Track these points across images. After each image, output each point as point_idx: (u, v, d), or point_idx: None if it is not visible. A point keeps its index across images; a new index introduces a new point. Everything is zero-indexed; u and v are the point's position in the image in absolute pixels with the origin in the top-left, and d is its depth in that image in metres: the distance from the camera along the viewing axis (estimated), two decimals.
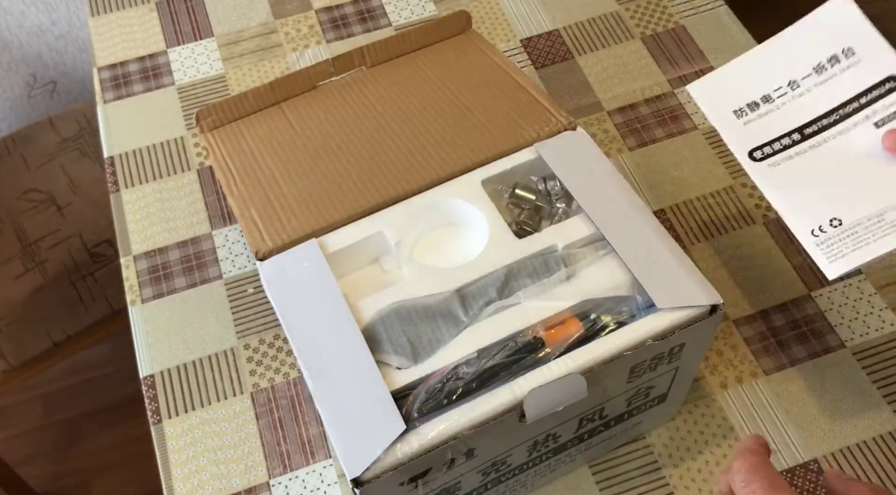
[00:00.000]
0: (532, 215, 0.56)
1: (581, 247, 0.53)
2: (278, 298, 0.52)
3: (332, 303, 0.51)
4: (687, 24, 0.85)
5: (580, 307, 0.50)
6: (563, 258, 0.52)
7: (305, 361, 0.49)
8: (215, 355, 0.67)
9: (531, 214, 0.56)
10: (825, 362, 0.64)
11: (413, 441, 0.45)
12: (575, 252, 0.52)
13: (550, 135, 0.59)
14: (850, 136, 0.52)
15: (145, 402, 0.65)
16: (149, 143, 0.79)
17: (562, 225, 0.54)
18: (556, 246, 0.53)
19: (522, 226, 0.56)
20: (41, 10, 1.36)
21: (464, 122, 0.60)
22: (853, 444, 0.61)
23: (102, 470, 1.40)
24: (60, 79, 1.48)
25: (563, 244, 0.53)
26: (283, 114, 0.63)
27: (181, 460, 0.62)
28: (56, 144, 1.21)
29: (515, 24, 0.86)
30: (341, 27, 0.87)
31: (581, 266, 0.52)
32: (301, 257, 0.53)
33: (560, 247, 0.53)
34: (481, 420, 0.46)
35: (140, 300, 0.70)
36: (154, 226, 0.74)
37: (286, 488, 0.61)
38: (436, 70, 0.65)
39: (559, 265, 0.52)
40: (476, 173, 0.57)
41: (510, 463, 0.52)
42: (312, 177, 0.58)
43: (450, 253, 0.56)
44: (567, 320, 0.49)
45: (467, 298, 0.51)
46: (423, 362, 0.48)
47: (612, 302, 0.50)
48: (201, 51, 0.85)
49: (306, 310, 0.51)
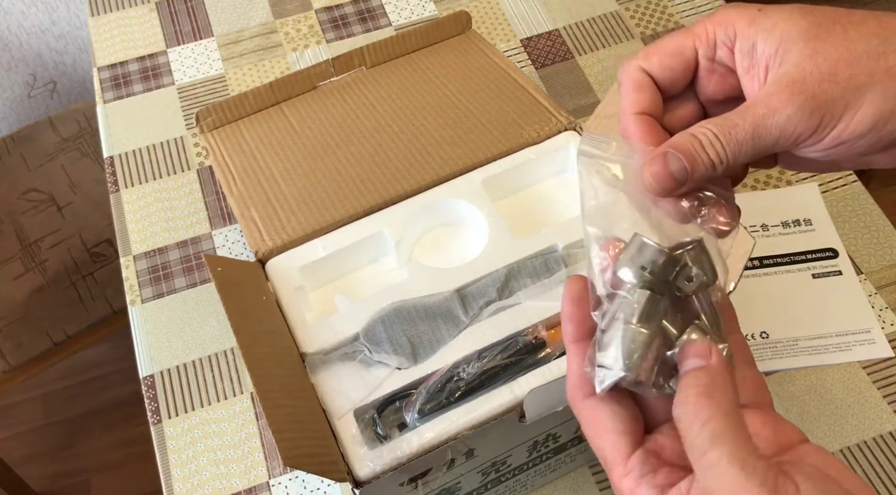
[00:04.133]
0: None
1: (581, 247, 0.53)
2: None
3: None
4: (687, 23, 0.85)
5: None
6: (563, 258, 0.52)
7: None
8: (215, 355, 0.67)
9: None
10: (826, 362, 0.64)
11: (413, 441, 0.45)
12: (575, 252, 0.52)
13: (550, 135, 0.59)
14: (790, 277, 0.68)
15: (145, 402, 0.65)
16: (149, 143, 0.79)
17: (562, 225, 0.54)
18: (557, 246, 0.53)
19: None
20: (41, 10, 1.36)
21: (464, 121, 0.60)
22: (853, 444, 0.61)
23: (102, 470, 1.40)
24: (60, 79, 1.48)
25: (563, 244, 0.53)
26: (283, 114, 0.63)
27: (181, 460, 0.62)
28: (56, 144, 1.21)
29: (515, 24, 0.86)
30: (341, 27, 0.87)
31: (581, 266, 0.52)
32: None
33: (560, 247, 0.53)
34: (481, 420, 0.46)
35: (140, 300, 0.70)
36: (154, 226, 0.74)
37: (286, 488, 0.61)
38: (436, 70, 0.65)
39: (559, 265, 0.52)
40: (476, 173, 0.57)
41: (510, 464, 0.52)
42: (312, 176, 0.58)
43: (450, 253, 0.56)
44: None
45: (467, 298, 0.51)
46: (423, 362, 0.48)
47: None
48: (201, 51, 0.85)
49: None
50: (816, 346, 0.64)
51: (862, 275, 0.68)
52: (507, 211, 0.57)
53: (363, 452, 0.45)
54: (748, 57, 0.35)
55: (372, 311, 0.51)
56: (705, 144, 0.34)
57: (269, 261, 0.54)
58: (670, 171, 0.34)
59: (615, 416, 0.32)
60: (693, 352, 0.31)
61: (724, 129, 0.34)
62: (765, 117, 0.33)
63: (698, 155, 0.34)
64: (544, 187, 0.60)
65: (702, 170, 0.34)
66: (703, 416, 0.29)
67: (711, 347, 0.31)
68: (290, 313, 0.51)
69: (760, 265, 0.68)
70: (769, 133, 0.33)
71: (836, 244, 0.69)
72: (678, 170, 0.34)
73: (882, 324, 0.65)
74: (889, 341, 0.64)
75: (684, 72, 0.37)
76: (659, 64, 0.37)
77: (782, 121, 0.33)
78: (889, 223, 0.71)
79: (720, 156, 0.33)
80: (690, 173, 0.34)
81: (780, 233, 0.70)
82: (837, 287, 0.67)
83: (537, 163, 0.58)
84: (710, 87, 0.38)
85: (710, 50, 0.36)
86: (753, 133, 0.33)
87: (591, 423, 0.33)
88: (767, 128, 0.33)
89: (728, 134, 0.33)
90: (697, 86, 0.38)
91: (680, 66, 0.37)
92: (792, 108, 0.32)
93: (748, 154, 0.34)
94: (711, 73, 0.37)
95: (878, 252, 0.69)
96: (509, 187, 0.59)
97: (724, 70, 0.37)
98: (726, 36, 0.36)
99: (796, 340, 0.65)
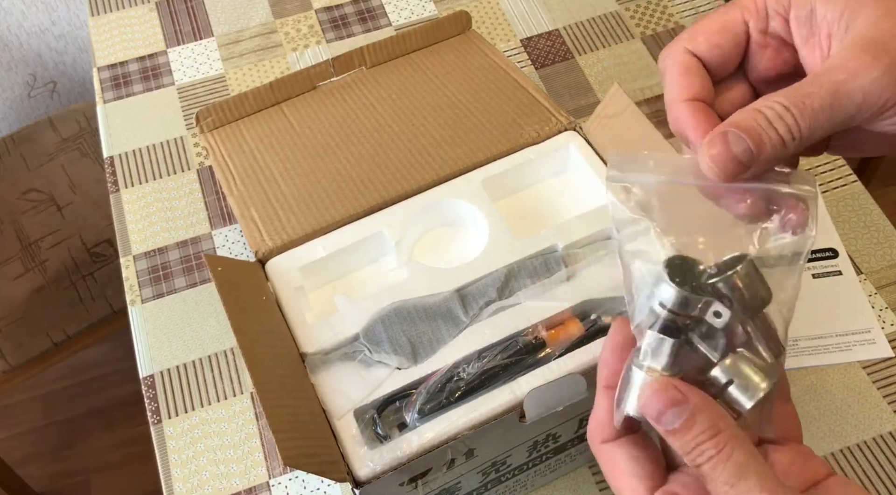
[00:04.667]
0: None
1: (581, 247, 0.53)
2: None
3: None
4: (687, 24, 0.85)
5: (580, 307, 0.50)
6: (563, 258, 0.52)
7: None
8: (215, 355, 0.67)
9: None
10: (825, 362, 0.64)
11: (413, 441, 0.45)
12: (575, 252, 0.52)
13: (550, 135, 0.59)
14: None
15: (145, 402, 0.65)
16: (149, 143, 0.79)
17: (562, 225, 0.54)
18: (557, 246, 0.53)
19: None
20: (41, 10, 1.36)
21: (464, 121, 0.60)
22: (853, 444, 0.61)
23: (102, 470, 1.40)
24: (60, 79, 1.48)
25: (563, 244, 0.53)
26: (283, 114, 0.63)
27: (181, 460, 0.62)
28: (56, 144, 1.21)
29: (515, 24, 0.86)
30: (341, 27, 0.87)
31: (581, 266, 0.52)
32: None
33: (560, 247, 0.53)
34: (481, 420, 0.46)
35: (140, 300, 0.70)
36: (154, 226, 0.74)
37: (286, 488, 0.61)
38: (436, 70, 0.65)
39: (559, 265, 0.52)
40: (476, 173, 0.57)
41: (510, 464, 0.52)
42: (312, 176, 0.58)
43: (450, 253, 0.56)
44: (567, 320, 0.49)
45: (467, 298, 0.51)
46: (423, 362, 0.48)
47: (612, 302, 0.50)
48: (201, 51, 0.85)
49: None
50: (816, 346, 0.64)
51: (862, 275, 0.68)
52: (507, 211, 0.57)
53: (363, 452, 0.45)
54: (806, 25, 0.31)
55: (372, 311, 0.51)
56: (772, 118, 0.29)
57: (269, 261, 0.54)
58: (732, 153, 0.30)
59: (633, 461, 0.31)
60: (668, 401, 0.29)
61: (797, 100, 0.29)
62: (845, 82, 0.29)
63: (765, 131, 0.30)
64: (544, 187, 0.60)
65: (769, 150, 0.30)
66: (726, 452, 0.28)
67: (683, 388, 0.29)
68: (290, 313, 0.51)
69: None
70: (851, 99, 0.29)
71: (836, 244, 0.69)
72: (742, 151, 0.30)
73: (882, 324, 0.65)
74: (889, 341, 0.64)
75: (735, 49, 0.33)
76: (707, 42, 0.33)
77: (867, 84, 0.29)
78: (889, 223, 0.71)
79: (791, 131, 0.29)
80: (756, 154, 0.30)
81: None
82: (837, 287, 0.67)
83: (537, 163, 0.58)
84: (762, 64, 0.34)
85: (763, 21, 0.32)
86: (833, 101, 0.29)
87: (610, 466, 0.32)
88: (849, 93, 0.29)
89: (802, 104, 0.29)
90: (748, 65, 0.34)
91: (729, 43, 0.33)
92: (877, 70, 0.28)
93: (825, 127, 0.29)
94: (764, 48, 0.33)
95: (878, 252, 0.69)
96: (509, 187, 0.59)
97: (777, 43, 0.33)
98: (779, 4, 0.32)
99: (796, 340, 0.65)
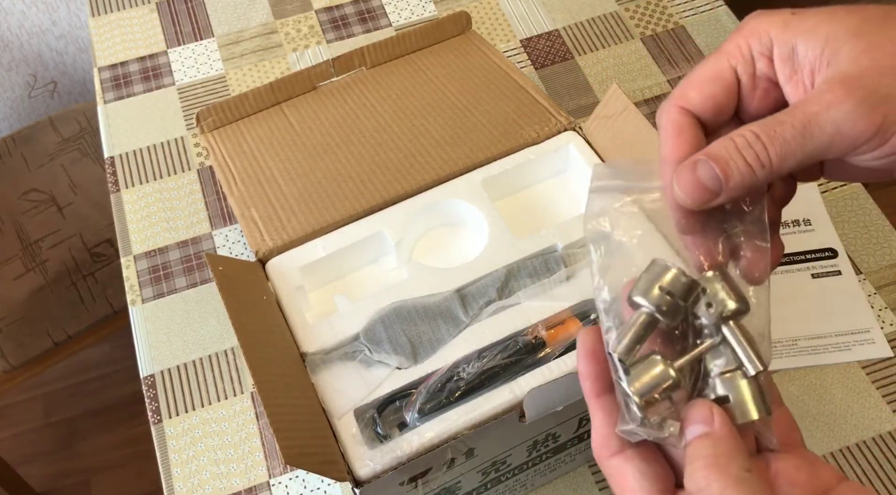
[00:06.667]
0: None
1: (581, 247, 0.53)
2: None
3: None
4: (687, 24, 0.85)
5: (580, 307, 0.50)
6: (563, 258, 0.52)
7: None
8: (215, 355, 0.67)
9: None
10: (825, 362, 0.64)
11: (413, 440, 0.45)
12: (575, 252, 0.53)
13: (550, 136, 0.59)
14: (789, 277, 0.68)
15: (145, 402, 0.65)
16: (149, 143, 0.79)
17: (562, 225, 0.54)
18: (556, 246, 0.53)
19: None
20: (41, 10, 1.36)
21: (464, 122, 0.60)
22: (853, 444, 0.61)
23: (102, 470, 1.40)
24: (61, 79, 1.48)
25: (563, 244, 0.53)
26: (284, 114, 0.64)
27: (181, 460, 0.62)
28: (56, 144, 1.21)
29: (515, 24, 0.86)
30: (341, 27, 0.87)
31: (581, 266, 0.52)
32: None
33: (560, 247, 0.53)
34: (481, 420, 0.46)
35: (140, 300, 0.70)
36: (154, 226, 0.74)
37: (286, 488, 0.61)
38: (436, 70, 0.65)
39: (559, 265, 0.52)
40: (476, 173, 0.57)
41: (510, 463, 0.52)
42: (312, 177, 0.58)
43: (450, 253, 0.56)
44: (567, 320, 0.49)
45: (467, 298, 0.51)
46: (423, 362, 0.49)
47: None
48: (201, 51, 0.85)
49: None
50: (816, 346, 0.64)
51: (861, 275, 0.68)
52: (507, 211, 0.57)
53: (363, 452, 0.45)
54: (788, 63, 0.32)
55: (372, 311, 0.51)
56: (741, 146, 0.30)
57: (269, 261, 0.54)
58: (700, 180, 0.30)
59: (641, 475, 0.31)
60: (695, 417, 0.30)
61: (768, 128, 0.30)
62: (817, 114, 0.29)
63: (733, 159, 0.30)
64: (544, 187, 0.60)
65: (737, 177, 0.30)
66: (715, 490, 0.27)
67: (714, 410, 0.29)
68: (291, 313, 0.51)
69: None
70: (822, 130, 0.29)
71: (836, 244, 0.69)
72: (710, 178, 0.30)
73: (881, 323, 0.65)
74: (888, 341, 0.64)
75: (728, 96, 0.33)
76: (699, 96, 0.33)
77: (839, 117, 0.28)
78: (888, 223, 0.71)
79: (760, 158, 0.29)
80: (725, 181, 0.30)
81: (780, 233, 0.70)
82: (837, 287, 0.67)
83: (537, 163, 0.58)
84: (753, 106, 0.34)
85: (749, 65, 0.33)
86: (804, 131, 0.29)
87: (619, 482, 0.32)
88: (821, 124, 0.29)
89: (773, 132, 0.29)
90: (740, 108, 0.34)
91: (722, 92, 0.33)
92: (850, 103, 0.28)
93: (797, 157, 0.29)
94: (754, 91, 0.33)
95: (877, 252, 0.69)
96: (509, 187, 0.59)
97: (766, 84, 0.33)
98: (762, 45, 0.32)
99: (796, 340, 0.65)
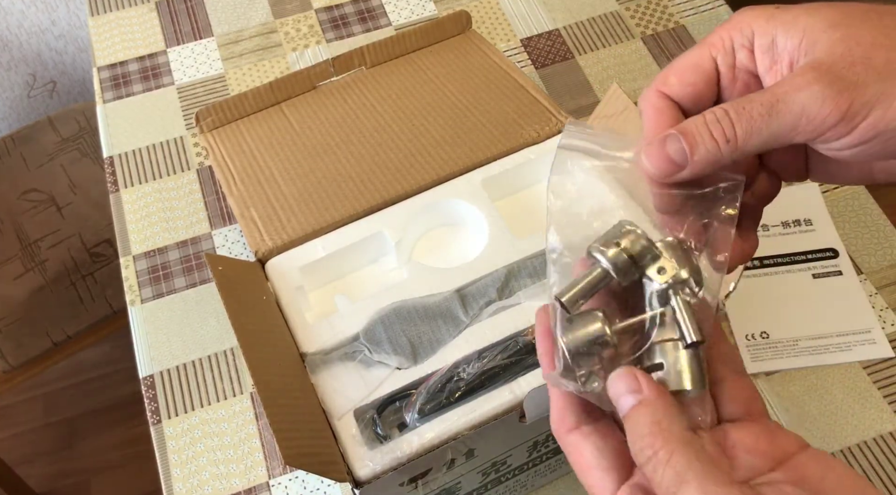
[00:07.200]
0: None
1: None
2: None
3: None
4: (687, 23, 0.85)
5: None
6: None
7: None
8: (215, 355, 0.67)
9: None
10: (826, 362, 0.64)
11: (413, 441, 0.45)
12: None
13: (550, 136, 0.59)
14: (790, 277, 0.68)
15: (145, 402, 0.65)
16: (148, 143, 0.79)
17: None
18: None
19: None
20: (41, 9, 1.36)
21: (464, 121, 0.60)
22: (853, 444, 0.61)
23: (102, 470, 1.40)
24: (60, 78, 1.48)
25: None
26: (283, 114, 0.63)
27: (181, 460, 0.62)
28: (56, 144, 1.21)
29: (515, 24, 0.86)
30: (341, 27, 0.87)
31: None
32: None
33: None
34: (481, 420, 0.46)
35: (140, 300, 0.70)
36: (154, 226, 0.74)
37: (286, 488, 0.61)
38: (436, 70, 0.65)
39: None
40: (476, 173, 0.57)
41: (510, 464, 0.52)
42: (312, 176, 0.58)
43: (450, 253, 0.56)
44: None
45: (467, 298, 0.51)
46: (423, 362, 0.48)
47: None
48: (201, 51, 0.85)
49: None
50: (817, 346, 0.64)
51: (862, 275, 0.68)
52: (507, 211, 0.57)
53: (363, 452, 0.45)
54: (768, 54, 0.32)
55: (372, 311, 0.51)
56: (710, 122, 0.31)
57: (269, 261, 0.54)
58: (667, 152, 0.32)
59: (598, 452, 0.31)
60: (621, 387, 0.30)
61: (737, 105, 0.31)
62: (786, 94, 0.30)
63: (699, 133, 0.31)
64: (544, 187, 0.59)
65: (702, 151, 0.31)
66: (662, 456, 0.28)
67: (638, 376, 0.30)
68: (290, 313, 0.51)
69: (760, 265, 0.68)
70: (789, 109, 0.30)
71: (837, 244, 0.69)
72: (675, 151, 0.31)
73: (882, 324, 0.65)
74: (889, 341, 0.64)
75: (707, 85, 0.34)
76: (679, 82, 0.34)
77: (806, 98, 0.29)
78: (889, 223, 0.71)
79: (726, 133, 0.31)
80: (690, 154, 0.31)
81: (781, 233, 0.70)
82: (838, 287, 0.67)
83: (537, 163, 0.58)
84: (733, 97, 0.34)
85: (729, 56, 0.34)
86: (770, 109, 0.30)
87: (576, 459, 0.32)
88: (788, 103, 0.30)
89: (741, 109, 0.30)
90: (721, 99, 0.34)
91: (701, 79, 0.34)
92: (818, 86, 0.29)
93: (762, 135, 0.30)
94: (734, 82, 0.34)
95: (878, 252, 0.69)
96: (509, 187, 0.58)
97: (746, 76, 0.34)
98: (744, 37, 0.33)
99: (796, 340, 0.65)
